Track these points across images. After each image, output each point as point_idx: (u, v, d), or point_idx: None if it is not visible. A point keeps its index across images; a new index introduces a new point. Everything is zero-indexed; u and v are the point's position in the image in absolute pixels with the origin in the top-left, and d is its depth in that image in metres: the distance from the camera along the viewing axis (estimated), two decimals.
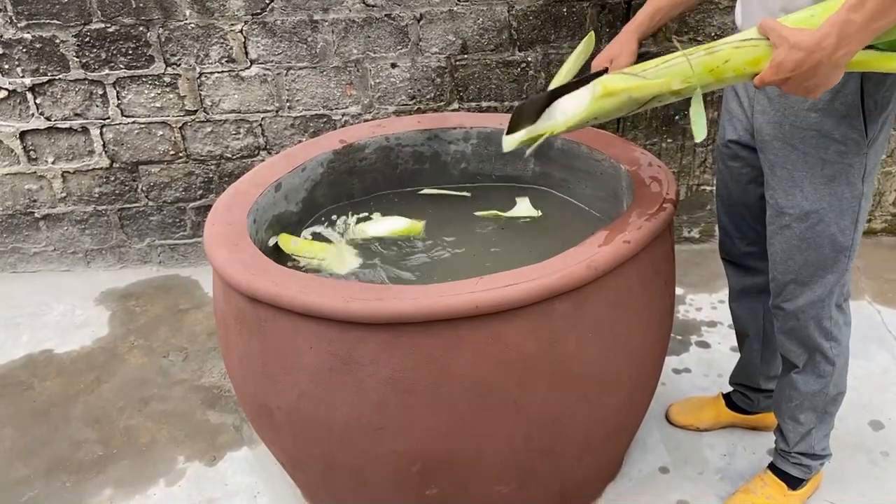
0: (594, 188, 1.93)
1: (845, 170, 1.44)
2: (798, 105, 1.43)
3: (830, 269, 1.54)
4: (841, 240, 1.51)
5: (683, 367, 2.32)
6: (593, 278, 1.41)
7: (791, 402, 1.72)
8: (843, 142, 1.42)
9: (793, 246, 1.54)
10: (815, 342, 1.62)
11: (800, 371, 1.68)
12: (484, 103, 2.72)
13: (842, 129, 1.41)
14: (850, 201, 1.47)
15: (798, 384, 1.69)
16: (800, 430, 1.74)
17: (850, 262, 1.56)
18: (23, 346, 2.59)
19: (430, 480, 1.54)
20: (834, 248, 1.51)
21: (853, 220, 1.50)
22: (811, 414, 1.71)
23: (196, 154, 2.82)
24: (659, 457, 2.00)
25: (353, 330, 1.37)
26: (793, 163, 1.48)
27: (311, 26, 2.59)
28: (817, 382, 1.67)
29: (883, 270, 2.75)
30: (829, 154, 1.43)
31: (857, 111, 1.39)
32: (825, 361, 1.65)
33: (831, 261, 1.53)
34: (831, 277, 1.55)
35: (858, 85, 1.37)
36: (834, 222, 1.49)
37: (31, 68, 2.65)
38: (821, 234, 1.50)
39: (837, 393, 1.70)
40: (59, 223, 2.94)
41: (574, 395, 1.53)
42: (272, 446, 1.75)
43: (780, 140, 1.49)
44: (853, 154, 1.43)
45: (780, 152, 1.49)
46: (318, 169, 1.97)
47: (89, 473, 2.06)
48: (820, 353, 1.64)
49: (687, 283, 2.69)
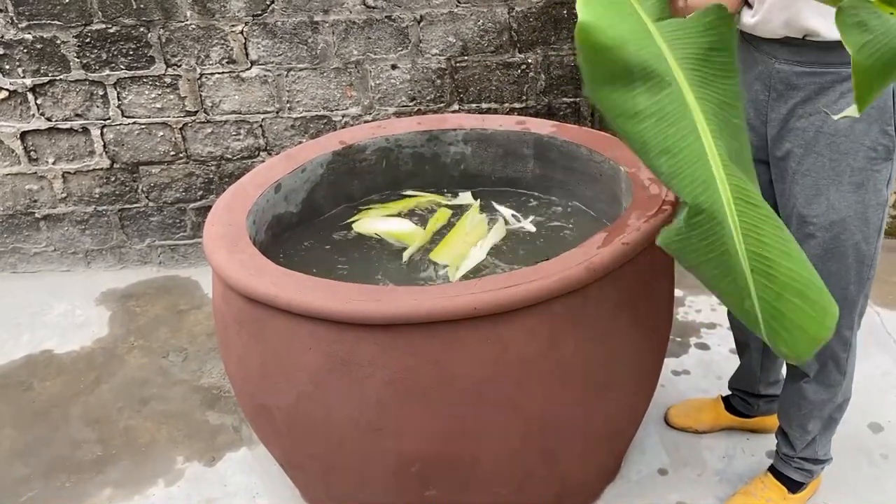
0: (594, 190, 1.94)
1: (873, 176, 1.42)
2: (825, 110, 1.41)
3: (853, 279, 1.51)
4: (864, 248, 1.48)
5: (682, 369, 2.32)
6: (592, 280, 1.42)
7: (800, 410, 1.70)
8: (873, 147, 1.39)
9: (814, 256, 1.48)
10: (831, 351, 1.60)
11: (809, 381, 1.66)
12: (484, 105, 2.72)
13: (873, 133, 1.38)
14: (876, 209, 1.44)
15: (808, 393, 1.67)
16: (806, 438, 1.73)
17: (872, 271, 1.52)
18: (23, 347, 2.59)
19: (429, 481, 1.55)
20: (857, 258, 1.48)
21: (877, 228, 1.47)
22: (818, 421, 1.70)
23: (196, 155, 2.82)
24: (658, 458, 2.00)
25: (352, 331, 1.37)
26: (818, 170, 1.44)
27: (311, 27, 2.59)
28: (826, 392, 1.65)
29: (882, 272, 2.73)
30: (857, 160, 1.41)
31: (890, 115, 1.37)
32: (836, 371, 1.62)
33: (854, 271, 1.50)
34: (853, 288, 1.52)
35: (890, 88, 1.34)
36: (859, 230, 1.45)
37: (32, 69, 2.65)
38: (845, 243, 1.47)
39: (844, 400, 1.69)
40: (59, 223, 2.95)
41: (573, 397, 1.53)
42: (271, 447, 1.76)
43: (802, 147, 1.45)
44: (882, 160, 1.40)
45: (803, 160, 1.46)
46: (317, 170, 1.97)
47: (89, 473, 2.06)
48: (833, 363, 1.61)
49: (686, 284, 2.69)
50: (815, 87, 1.42)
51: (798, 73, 1.43)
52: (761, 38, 1.47)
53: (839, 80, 1.39)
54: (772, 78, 1.48)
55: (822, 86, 1.41)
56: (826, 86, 1.40)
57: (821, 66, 1.40)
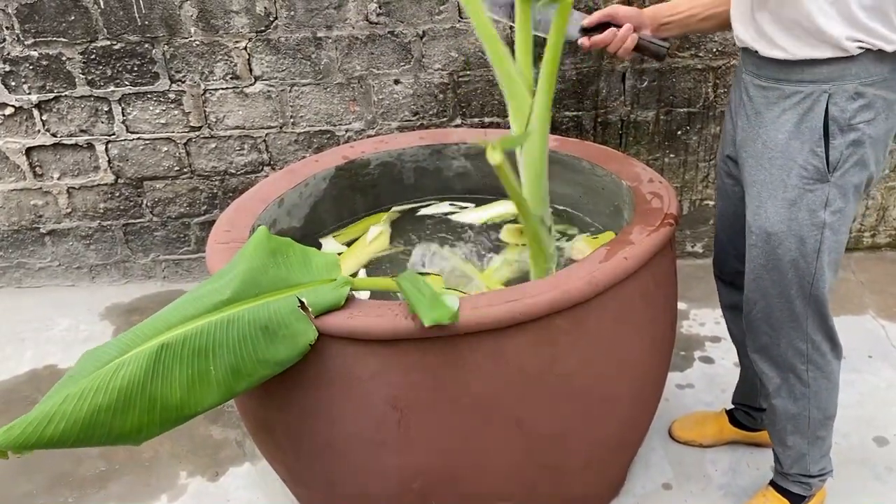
0: (596, 203, 1.94)
1: (806, 195, 1.42)
2: (769, 125, 1.44)
3: (796, 294, 1.51)
4: (803, 266, 1.47)
5: (687, 383, 2.31)
6: (594, 294, 1.42)
7: (775, 426, 1.71)
8: (804, 166, 1.40)
9: (759, 265, 1.52)
10: (788, 362, 1.60)
11: (774, 395, 1.66)
12: (486, 119, 2.73)
13: (804, 152, 1.40)
14: (811, 229, 1.44)
15: (777, 408, 1.67)
16: (789, 454, 1.72)
17: (816, 289, 1.50)
18: (27, 362, 2.60)
19: (432, 496, 1.54)
20: (797, 274, 1.48)
21: (815, 249, 1.45)
22: (798, 437, 1.69)
23: (200, 170, 2.83)
24: (662, 473, 1.99)
25: (354, 345, 1.37)
26: (760, 182, 1.47)
27: (314, 43, 2.61)
28: (794, 406, 1.64)
29: (887, 285, 2.74)
30: (791, 177, 1.42)
31: (820, 137, 1.38)
32: (799, 383, 1.61)
33: (796, 286, 1.50)
34: (799, 303, 1.51)
35: (824, 110, 1.36)
36: (795, 247, 1.46)
37: (38, 85, 2.67)
38: (782, 258, 1.47)
39: (825, 417, 1.66)
40: (64, 238, 2.96)
41: (576, 411, 1.53)
42: (273, 462, 1.75)
43: (753, 158, 1.49)
44: (815, 180, 1.41)
45: (751, 170, 1.50)
46: (320, 185, 1.98)
47: (92, 489, 2.06)
48: (794, 375, 1.61)
49: (690, 298, 2.69)
50: (764, 101, 1.46)
51: (755, 85, 1.48)
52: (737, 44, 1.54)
53: (783, 96, 1.42)
54: (740, 86, 1.55)
55: (769, 100, 1.44)
56: (772, 101, 1.44)
57: (770, 80, 1.44)
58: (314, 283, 1.42)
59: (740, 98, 1.54)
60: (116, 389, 1.23)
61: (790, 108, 1.41)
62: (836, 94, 1.35)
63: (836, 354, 1.61)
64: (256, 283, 1.37)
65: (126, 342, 1.29)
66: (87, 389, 1.23)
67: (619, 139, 2.76)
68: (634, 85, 2.66)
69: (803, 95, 1.39)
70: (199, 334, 1.29)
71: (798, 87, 1.39)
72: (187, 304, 1.35)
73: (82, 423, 1.22)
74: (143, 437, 1.27)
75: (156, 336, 1.29)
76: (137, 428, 1.26)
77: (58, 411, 1.22)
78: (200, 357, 1.28)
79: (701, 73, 2.63)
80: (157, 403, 1.25)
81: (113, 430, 1.24)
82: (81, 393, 1.22)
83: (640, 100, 2.68)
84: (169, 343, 1.27)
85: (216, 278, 1.40)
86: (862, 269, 2.85)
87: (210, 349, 1.28)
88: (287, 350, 1.33)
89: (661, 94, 2.67)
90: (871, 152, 1.40)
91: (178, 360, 1.27)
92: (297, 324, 1.34)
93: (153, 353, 1.26)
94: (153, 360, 1.26)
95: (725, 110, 1.70)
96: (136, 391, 1.24)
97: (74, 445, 1.24)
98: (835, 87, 1.35)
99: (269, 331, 1.31)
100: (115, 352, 1.28)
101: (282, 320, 1.33)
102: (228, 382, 1.29)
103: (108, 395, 1.23)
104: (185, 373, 1.27)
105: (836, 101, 1.36)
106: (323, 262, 1.49)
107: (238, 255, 1.44)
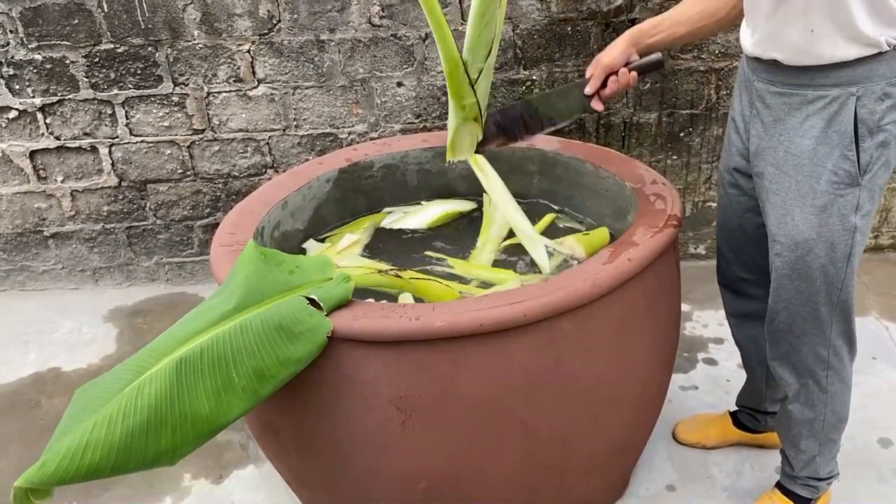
0: (599, 205, 1.94)
1: (837, 201, 1.41)
2: (793, 131, 1.42)
3: (823, 300, 1.50)
4: (833, 272, 1.46)
5: (690, 385, 2.31)
6: (598, 296, 1.42)
7: (789, 430, 1.70)
8: (835, 171, 1.39)
9: (784, 275, 1.50)
10: (809, 368, 1.59)
11: (793, 401, 1.65)
12: None
13: (834, 157, 1.38)
14: (842, 234, 1.43)
15: (793, 413, 1.67)
16: (802, 458, 1.72)
17: (845, 294, 1.50)
18: (31, 364, 2.60)
19: (436, 498, 1.54)
20: (826, 281, 1.47)
21: (846, 254, 1.45)
22: (812, 441, 1.68)
23: (204, 172, 2.84)
24: (666, 475, 1.99)
25: (358, 348, 1.38)
26: (785, 190, 1.45)
27: (317, 46, 2.61)
28: (811, 411, 1.64)
29: (890, 286, 2.74)
30: (820, 184, 1.40)
31: (851, 140, 1.36)
32: (818, 389, 1.61)
33: (824, 293, 1.49)
34: (824, 309, 1.51)
35: (853, 113, 1.35)
36: (825, 254, 1.44)
37: (42, 88, 2.68)
38: (811, 265, 1.46)
39: (838, 420, 1.67)
40: (67, 241, 2.96)
41: (580, 413, 1.53)
42: (277, 464, 1.75)
43: (774, 166, 1.46)
44: (846, 185, 1.39)
45: (774, 178, 1.47)
46: (324, 187, 1.98)
47: (95, 491, 2.06)
48: (813, 381, 1.60)
49: (693, 299, 2.69)
50: (784, 108, 1.43)
51: (772, 92, 1.45)
52: (746, 54, 1.51)
53: (806, 102, 1.39)
54: (752, 95, 1.51)
55: (792, 106, 1.42)
56: (795, 107, 1.41)
57: (790, 86, 1.41)
58: (314, 283, 1.42)
59: (752, 107, 1.51)
60: (146, 408, 1.21)
61: (815, 112, 1.38)
62: (864, 95, 1.33)
63: (851, 357, 1.61)
64: (259, 290, 1.37)
65: (138, 364, 1.28)
66: (115, 413, 1.20)
67: (622, 141, 2.76)
68: (637, 87, 2.66)
69: (829, 99, 1.36)
70: (216, 344, 1.28)
71: (823, 91, 1.36)
72: (193, 319, 1.34)
73: (118, 448, 1.18)
74: (179, 454, 1.24)
75: (170, 353, 1.28)
76: (173, 446, 1.23)
77: (90, 440, 1.17)
78: (221, 366, 1.26)
79: (703, 74, 2.64)
80: (188, 418, 1.23)
81: (149, 451, 1.21)
82: (110, 417, 1.19)
83: (642, 102, 2.69)
84: (186, 357, 1.26)
85: (217, 294, 1.41)
86: (865, 270, 2.84)
87: (230, 357, 1.27)
88: (306, 345, 1.33)
89: (664, 96, 2.67)
90: (894, 152, 1.40)
91: (199, 372, 1.25)
92: (311, 319, 1.34)
93: (173, 368, 1.24)
94: (175, 375, 1.24)
95: (728, 122, 1.66)
96: (165, 408, 1.22)
97: (112, 474, 1.20)
98: (863, 89, 1.33)
99: (284, 329, 1.31)
100: (129, 375, 1.26)
101: (295, 318, 1.33)
102: (253, 387, 1.28)
103: (137, 416, 1.20)
104: (209, 384, 1.25)
105: (864, 104, 1.34)
106: (315, 263, 1.50)
107: (233, 268, 1.45)
